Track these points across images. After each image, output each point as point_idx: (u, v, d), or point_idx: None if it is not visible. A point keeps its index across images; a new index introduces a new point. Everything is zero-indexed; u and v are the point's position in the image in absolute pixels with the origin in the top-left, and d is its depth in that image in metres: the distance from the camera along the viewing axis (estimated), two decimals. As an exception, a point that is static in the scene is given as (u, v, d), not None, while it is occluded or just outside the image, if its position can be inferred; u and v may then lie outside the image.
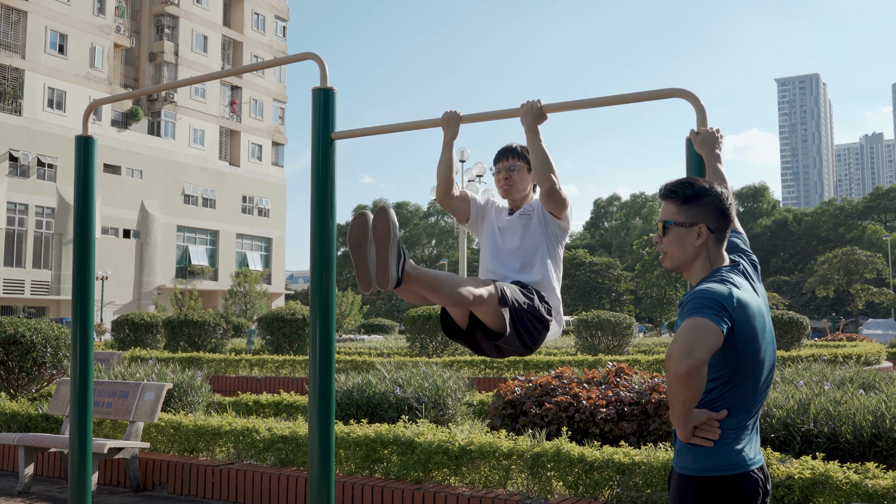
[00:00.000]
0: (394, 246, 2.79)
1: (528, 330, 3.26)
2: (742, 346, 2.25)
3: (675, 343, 2.16)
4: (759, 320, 2.31)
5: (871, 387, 6.74)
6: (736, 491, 2.26)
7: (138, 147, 54.19)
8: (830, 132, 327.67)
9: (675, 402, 2.20)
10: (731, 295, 2.25)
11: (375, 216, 2.85)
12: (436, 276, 3.02)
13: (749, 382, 2.31)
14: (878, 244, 75.37)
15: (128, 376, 8.42)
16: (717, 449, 2.28)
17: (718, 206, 2.40)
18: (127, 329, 19.92)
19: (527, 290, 3.35)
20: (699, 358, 2.11)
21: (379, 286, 2.82)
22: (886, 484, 4.31)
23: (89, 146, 4.72)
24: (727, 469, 2.27)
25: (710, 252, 2.41)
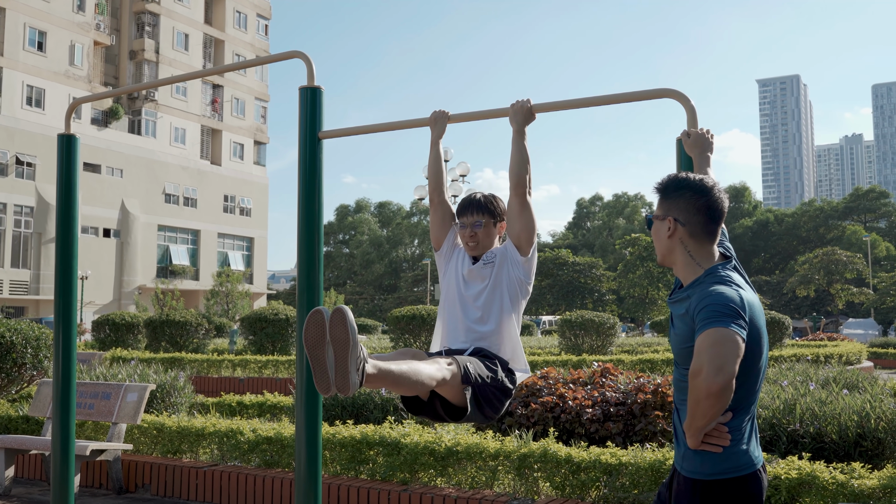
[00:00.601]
0: (353, 352, 2.69)
1: (491, 403, 3.22)
2: (750, 347, 2.23)
3: (704, 358, 2.11)
4: (760, 318, 2.30)
5: (855, 387, 6.78)
6: (745, 492, 2.25)
7: (119, 146, 53.76)
8: (811, 133, 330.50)
9: (702, 417, 2.16)
10: (742, 298, 2.23)
11: (332, 317, 2.71)
12: (398, 373, 2.90)
13: (750, 382, 2.29)
14: (857, 244, 76.08)
15: (110, 377, 8.33)
16: (725, 451, 2.26)
17: (691, 199, 2.37)
18: (108, 329, 19.73)
19: (490, 362, 3.28)
20: (731, 372, 2.09)
21: (339, 391, 2.73)
22: (872, 484, 4.32)
23: (72, 144, 4.66)
24: (736, 471, 2.25)
25: (689, 247, 2.38)
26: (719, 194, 2.38)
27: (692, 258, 2.37)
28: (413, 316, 16.90)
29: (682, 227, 2.37)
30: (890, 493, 4.30)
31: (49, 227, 48.00)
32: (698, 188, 2.37)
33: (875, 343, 31.22)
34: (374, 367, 2.80)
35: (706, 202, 2.36)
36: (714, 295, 2.22)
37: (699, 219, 2.36)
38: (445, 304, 3.54)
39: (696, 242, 2.37)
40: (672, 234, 2.39)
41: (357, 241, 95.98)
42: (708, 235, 2.38)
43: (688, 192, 2.37)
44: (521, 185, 3.38)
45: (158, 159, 56.40)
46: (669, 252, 2.42)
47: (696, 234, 2.37)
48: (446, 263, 3.63)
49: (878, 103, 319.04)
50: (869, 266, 65.66)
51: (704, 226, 2.37)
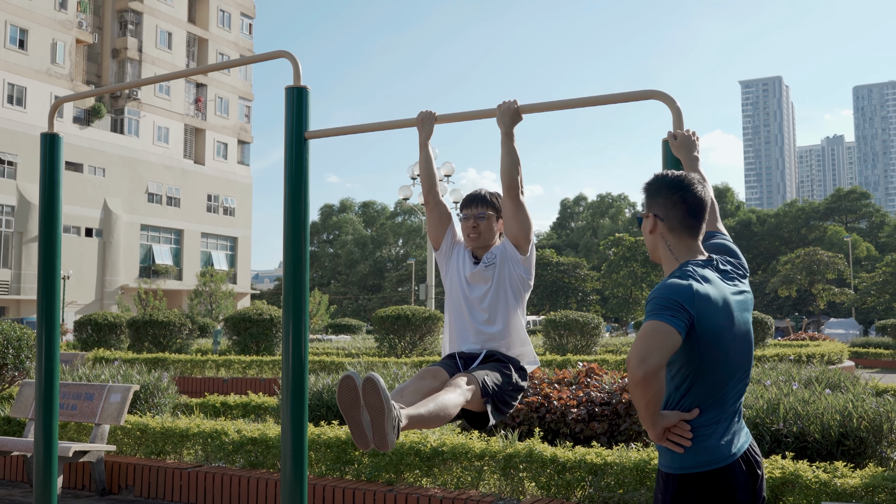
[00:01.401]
0: (389, 416, 2.81)
1: (508, 403, 3.42)
2: (705, 339, 2.26)
3: (633, 347, 2.20)
4: (725, 313, 2.31)
5: (837, 386, 6.84)
6: (717, 485, 2.28)
7: (101, 144, 53.38)
8: (793, 134, 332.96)
9: (639, 406, 2.24)
10: (691, 288, 2.26)
11: (365, 386, 2.82)
12: (428, 416, 3.05)
13: (718, 376, 2.31)
14: (839, 244, 76.72)
15: (92, 378, 8.27)
16: (695, 446, 2.29)
17: (668, 195, 2.44)
18: (90, 329, 19.58)
19: (504, 366, 3.44)
20: (654, 363, 2.14)
21: (378, 448, 2.87)
22: (854, 483, 4.36)
23: (55, 144, 4.63)
24: (706, 465, 2.28)
25: (668, 242, 2.44)
26: (696, 189, 2.43)
27: (671, 253, 2.44)
28: (398, 316, 16.88)
29: (662, 223, 2.44)
30: (872, 491, 4.34)
31: (30, 226, 47.60)
32: (674, 184, 2.44)
33: (856, 343, 31.55)
34: (407, 419, 2.94)
35: (681, 196, 2.42)
36: (659, 288, 2.29)
37: (676, 213, 2.42)
38: (451, 305, 3.63)
39: (675, 237, 2.43)
40: (654, 230, 2.47)
41: (341, 240, 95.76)
42: (687, 230, 2.43)
43: (665, 189, 2.45)
44: (513, 186, 3.44)
45: (141, 158, 56.05)
46: (654, 248, 2.50)
47: (674, 229, 2.43)
48: (447, 263, 3.69)
49: (859, 105, 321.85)
50: (850, 266, 66.22)
51: (682, 220, 2.42)
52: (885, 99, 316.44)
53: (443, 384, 3.29)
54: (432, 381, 3.30)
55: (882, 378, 19.46)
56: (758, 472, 2.37)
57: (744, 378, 2.40)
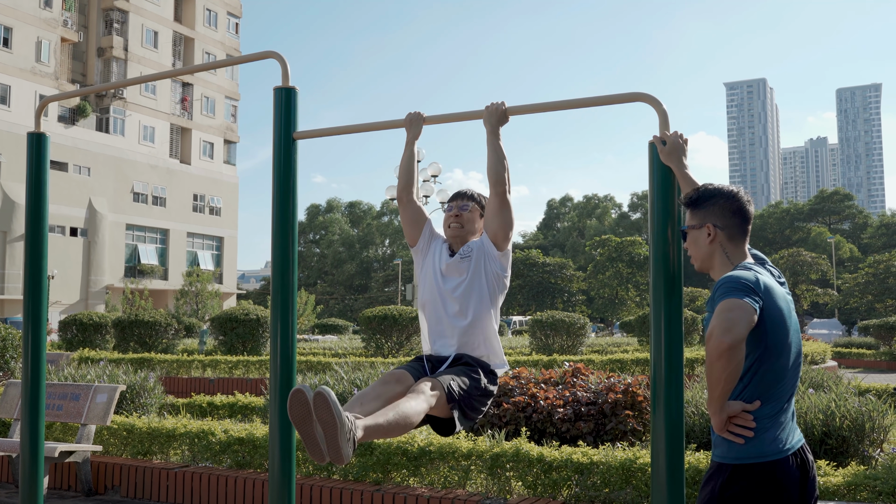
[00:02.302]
0: (342, 430, 2.72)
1: (476, 409, 3.35)
2: (771, 326, 2.37)
3: (714, 322, 2.27)
4: (785, 304, 2.44)
5: (820, 386, 6.91)
6: (767, 477, 2.33)
7: (86, 143, 53.07)
8: (777, 136, 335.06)
9: (716, 382, 2.28)
10: (757, 279, 2.38)
11: (316, 401, 2.73)
12: (387, 425, 2.96)
13: (779, 366, 2.40)
14: (822, 246, 77.26)
15: (78, 378, 8.24)
16: (753, 437, 2.35)
17: (724, 205, 2.58)
18: (75, 329, 19.48)
19: (472, 370, 3.37)
20: (739, 333, 2.23)
21: (333, 461, 2.79)
22: (837, 481, 4.42)
23: (41, 143, 4.61)
24: (760, 457, 2.34)
25: (726, 249, 2.58)
26: (747, 196, 2.63)
27: (729, 259, 2.56)
28: (385, 316, 16.89)
29: (721, 231, 2.57)
30: (854, 489, 4.39)
31: (14, 225, 47.27)
32: (729, 194, 2.60)
33: (839, 343, 31.79)
34: (364, 430, 2.86)
35: (739, 205, 2.59)
36: (728, 276, 2.41)
37: (735, 221, 2.58)
38: (425, 299, 3.60)
39: (733, 244, 2.58)
40: (713, 239, 2.58)
41: (328, 240, 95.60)
42: (742, 235, 2.60)
43: (721, 199, 2.59)
44: (500, 183, 3.46)
45: (127, 158, 55.76)
46: (709, 256, 2.60)
47: (733, 237, 2.58)
48: (423, 258, 3.68)
49: (843, 107, 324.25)
50: (833, 267, 66.72)
51: (740, 227, 2.59)
52: (868, 101, 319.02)
53: (406, 389, 3.20)
54: (395, 385, 3.22)
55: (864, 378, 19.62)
56: (809, 472, 2.42)
57: (796, 373, 2.47)
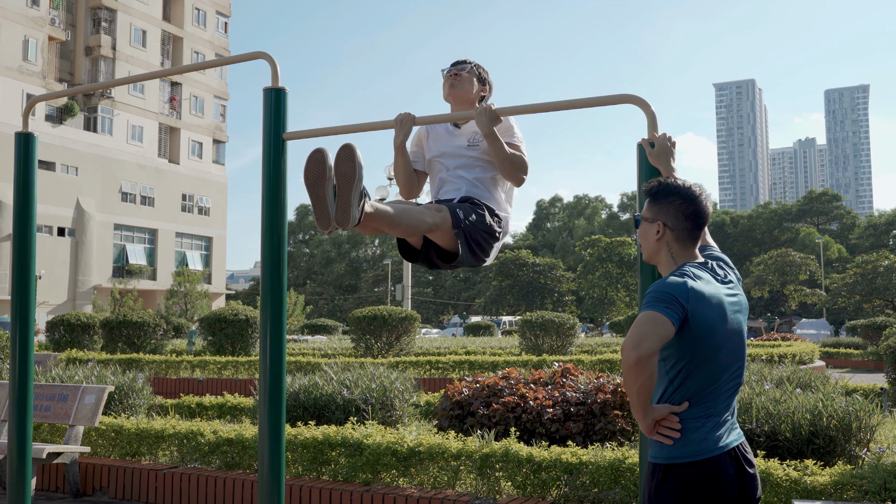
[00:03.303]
0: (357, 186, 2.79)
1: (481, 246, 3.38)
2: (699, 332, 2.35)
3: (628, 334, 2.30)
4: (718, 311, 2.39)
5: (808, 386, 6.94)
6: (701, 475, 2.35)
7: (74, 143, 52.81)
8: (766, 136, 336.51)
9: (631, 392, 2.31)
10: (686, 284, 2.36)
11: (340, 153, 2.80)
12: (393, 213, 3.08)
13: (710, 371, 2.39)
14: (810, 246, 77.66)
15: (66, 379, 8.20)
16: (683, 438, 2.38)
17: (679, 206, 2.51)
18: (62, 330, 19.38)
19: (478, 207, 3.43)
20: (648, 348, 2.25)
21: (339, 225, 2.84)
22: (824, 480, 4.45)
23: (29, 143, 4.60)
24: (692, 456, 2.36)
25: (672, 249, 2.53)
26: (706, 201, 2.54)
27: (674, 259, 2.53)
28: (374, 317, 16.87)
29: (670, 232, 2.52)
30: (841, 488, 4.42)
31: (2, 225, 46.99)
32: (688, 195, 2.52)
33: (827, 343, 31.96)
34: (372, 207, 2.95)
35: (695, 209, 2.51)
36: (657, 283, 2.39)
37: (686, 224, 2.52)
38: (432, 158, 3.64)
39: (681, 245, 2.53)
40: (660, 238, 2.54)
41: (317, 240, 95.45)
42: (692, 240, 2.54)
43: (677, 199, 2.52)
44: (519, 180, 3.53)
45: (115, 157, 55.51)
46: (655, 253, 2.57)
47: (681, 238, 2.52)
48: (424, 161, 3.70)
49: (831, 108, 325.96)
50: (821, 267, 67.07)
51: (690, 231, 2.53)
52: (856, 102, 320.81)
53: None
54: (408, 203, 3.33)
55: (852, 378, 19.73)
56: (748, 470, 2.43)
57: (736, 377, 2.47)
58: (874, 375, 22.01)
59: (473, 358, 14.33)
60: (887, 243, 79.57)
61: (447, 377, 13.01)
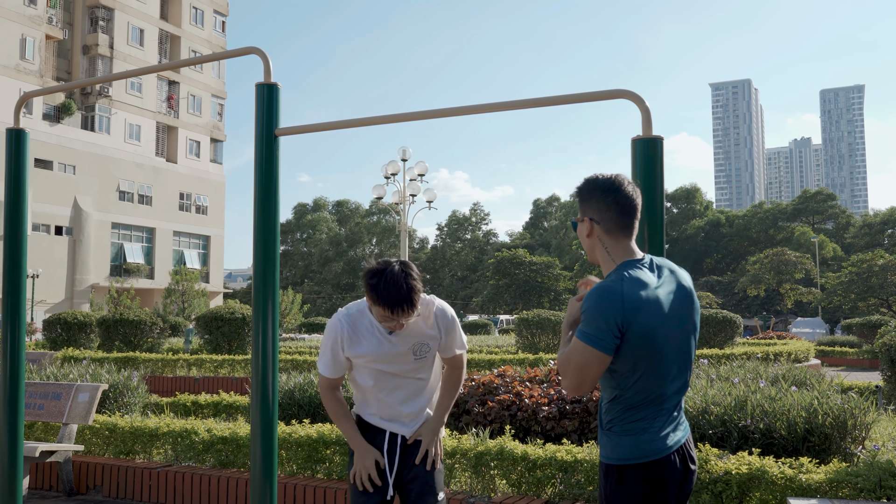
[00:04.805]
0: None
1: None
2: (637, 340, 2.34)
3: (566, 368, 2.37)
4: (657, 312, 2.37)
5: (803, 384, 6.93)
6: (651, 476, 2.38)
7: (71, 142, 52.73)
8: (761, 136, 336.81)
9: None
10: (620, 296, 2.33)
11: None
12: None
13: (654, 374, 2.39)
14: (806, 245, 77.77)
15: (60, 377, 8.17)
16: (633, 439, 2.40)
17: (600, 198, 2.50)
18: (59, 328, 19.35)
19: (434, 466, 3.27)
20: (587, 388, 2.37)
21: None
22: (819, 478, 4.43)
23: (21, 140, 4.56)
24: (642, 457, 2.39)
25: (606, 244, 2.51)
26: (627, 189, 2.50)
27: (608, 254, 2.51)
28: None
29: (598, 226, 2.50)
30: (836, 486, 4.41)
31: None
32: (607, 186, 2.50)
33: (822, 342, 31.97)
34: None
35: (615, 198, 2.48)
36: (592, 294, 2.37)
37: (611, 215, 2.49)
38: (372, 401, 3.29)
39: (612, 238, 2.50)
40: (591, 234, 2.53)
41: (315, 239, 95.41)
42: (622, 230, 2.50)
43: (598, 192, 2.51)
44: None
45: (112, 156, 55.44)
46: (592, 250, 2.57)
47: (611, 230, 2.49)
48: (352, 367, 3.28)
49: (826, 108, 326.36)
50: (817, 266, 67.14)
51: (617, 221, 2.49)
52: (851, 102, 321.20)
53: None
54: None
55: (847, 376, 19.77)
56: (690, 466, 2.47)
57: (682, 374, 2.47)
58: (869, 373, 22.04)
59: (470, 356, 14.32)
60: (882, 242, 79.64)
61: (443, 376, 12.98)
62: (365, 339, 3.13)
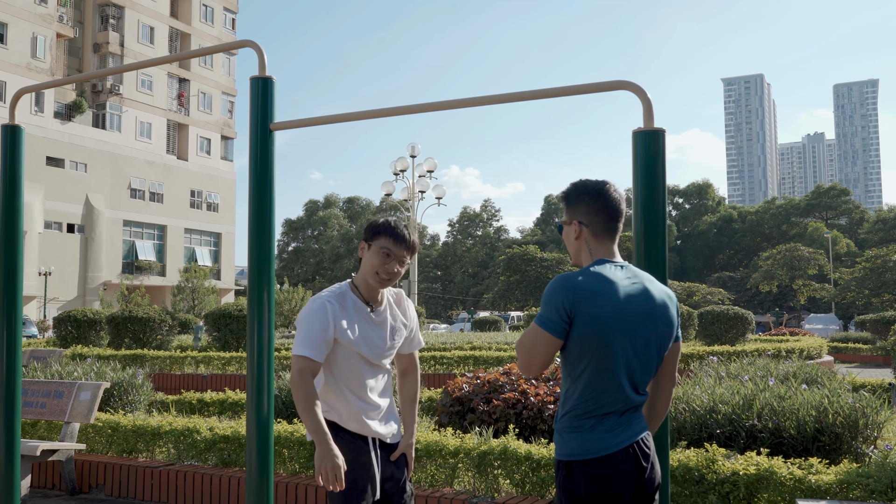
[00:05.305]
0: None
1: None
2: (585, 330, 2.42)
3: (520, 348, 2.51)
4: (612, 307, 2.43)
5: (814, 381, 6.82)
6: (599, 472, 2.43)
7: (83, 140, 52.93)
8: (774, 131, 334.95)
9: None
10: (573, 283, 2.44)
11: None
12: None
13: (603, 367, 2.43)
14: (819, 241, 77.23)
15: (65, 375, 8.14)
16: (581, 435, 2.47)
17: (589, 202, 2.61)
18: (69, 326, 19.37)
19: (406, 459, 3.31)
20: (537, 368, 2.50)
21: None
22: (829, 479, 4.33)
23: (16, 136, 4.51)
24: (590, 453, 2.45)
25: (590, 245, 2.61)
26: (614, 194, 2.62)
27: (591, 256, 2.62)
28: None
29: (587, 228, 2.60)
30: (846, 487, 4.30)
31: (10, 222, 47.08)
32: (594, 192, 2.62)
33: (835, 338, 31.66)
34: None
35: (604, 203, 2.60)
36: (549, 286, 2.50)
37: (600, 218, 2.60)
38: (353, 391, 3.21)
39: (598, 241, 2.61)
40: (579, 236, 2.62)
41: (326, 236, 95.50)
42: (608, 233, 2.61)
43: (587, 196, 2.62)
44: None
45: (123, 154, 55.61)
46: (578, 252, 2.66)
47: (597, 233, 2.60)
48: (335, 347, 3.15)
49: (840, 102, 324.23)
50: (830, 262, 66.70)
51: (605, 224, 2.60)
52: (865, 97, 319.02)
53: None
54: None
55: (860, 373, 19.57)
56: (643, 464, 2.48)
57: (640, 374, 2.49)
58: (883, 370, 21.83)
59: (479, 353, 14.23)
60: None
61: (451, 373, 12.92)
62: (352, 318, 3.12)
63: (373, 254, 3.15)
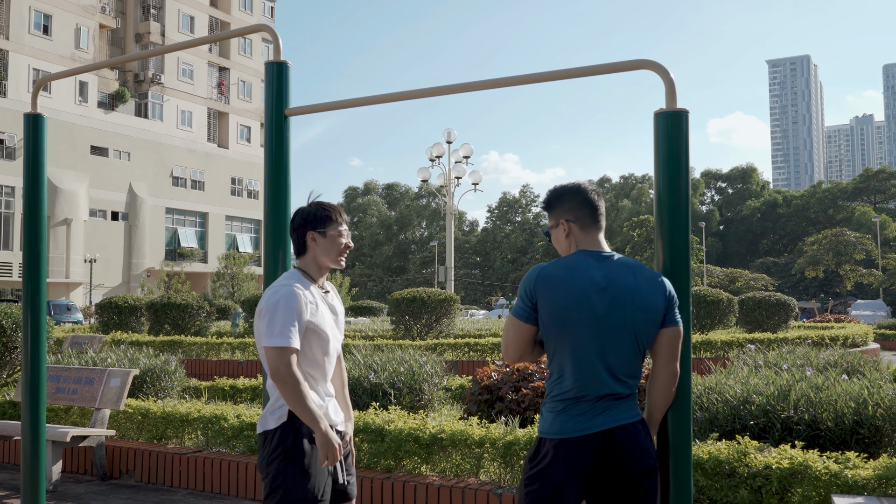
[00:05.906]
0: None
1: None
2: (546, 315, 2.58)
3: (503, 338, 2.69)
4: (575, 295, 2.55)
5: (855, 371, 6.59)
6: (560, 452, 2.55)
7: (125, 129, 53.71)
8: (821, 114, 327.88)
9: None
10: (536, 271, 2.63)
11: None
12: None
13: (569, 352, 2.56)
14: (867, 225, 75.47)
15: (98, 362, 8.22)
16: (551, 416, 2.60)
17: (571, 199, 2.75)
18: (111, 312, 19.67)
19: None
20: (513, 357, 2.68)
21: None
22: (867, 474, 4.15)
23: (38, 124, 4.50)
24: (557, 434, 2.57)
25: (577, 239, 2.73)
26: (590, 188, 2.78)
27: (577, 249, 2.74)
28: (413, 298, 16.76)
29: (574, 224, 2.73)
30: (885, 483, 4.13)
31: (57, 210, 48.03)
32: (573, 189, 2.78)
33: (883, 325, 30.89)
34: None
35: (584, 197, 2.75)
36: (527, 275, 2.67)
37: (585, 212, 2.74)
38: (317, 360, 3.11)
39: (585, 233, 2.72)
40: (568, 234, 2.74)
41: (366, 223, 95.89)
42: (594, 224, 2.74)
43: (567, 195, 2.77)
44: None
45: (165, 142, 56.33)
46: (568, 250, 2.75)
47: (584, 227, 2.73)
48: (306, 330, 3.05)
49: (890, 83, 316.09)
50: (878, 247, 65.17)
51: (590, 216, 2.74)
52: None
53: None
54: None
55: (909, 361, 19.06)
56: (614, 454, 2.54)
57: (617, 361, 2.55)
58: (933, 359, 21.23)
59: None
60: (949, 222, 76.92)
61: (483, 359, 12.83)
62: (318, 304, 3.07)
63: (331, 240, 3.12)
